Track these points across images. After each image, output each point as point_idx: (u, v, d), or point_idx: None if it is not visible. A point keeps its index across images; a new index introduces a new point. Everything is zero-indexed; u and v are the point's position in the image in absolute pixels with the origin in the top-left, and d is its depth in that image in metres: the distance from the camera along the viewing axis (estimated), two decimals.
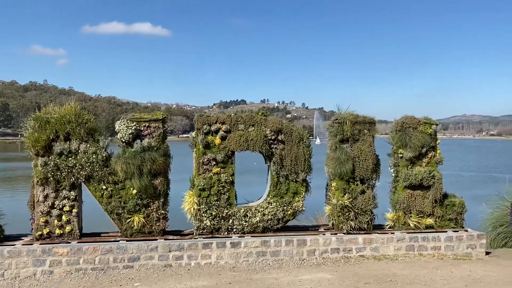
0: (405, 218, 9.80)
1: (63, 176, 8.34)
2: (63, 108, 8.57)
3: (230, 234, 9.07)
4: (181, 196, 9.15)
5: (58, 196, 8.40)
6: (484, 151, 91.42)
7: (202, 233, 9.01)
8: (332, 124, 9.76)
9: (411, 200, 9.77)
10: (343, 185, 9.44)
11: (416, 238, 9.52)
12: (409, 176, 9.68)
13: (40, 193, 8.35)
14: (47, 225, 8.40)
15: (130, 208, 8.62)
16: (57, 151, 8.34)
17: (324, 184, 10.01)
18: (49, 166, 8.27)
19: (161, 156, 8.76)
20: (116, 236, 8.82)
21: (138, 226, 8.67)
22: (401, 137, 9.80)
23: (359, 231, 9.46)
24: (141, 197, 8.67)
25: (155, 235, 8.79)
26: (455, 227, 9.97)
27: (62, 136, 8.38)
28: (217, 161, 9.06)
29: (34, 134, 8.28)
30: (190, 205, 8.97)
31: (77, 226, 8.53)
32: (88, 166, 8.41)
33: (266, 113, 9.70)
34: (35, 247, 8.08)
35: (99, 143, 8.58)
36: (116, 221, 8.68)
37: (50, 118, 8.38)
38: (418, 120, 9.97)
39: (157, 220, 8.79)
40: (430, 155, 9.93)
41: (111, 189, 8.59)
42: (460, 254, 9.54)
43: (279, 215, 9.23)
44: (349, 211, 9.38)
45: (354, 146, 9.59)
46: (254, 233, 9.14)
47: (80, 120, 8.48)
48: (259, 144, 9.08)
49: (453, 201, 10.02)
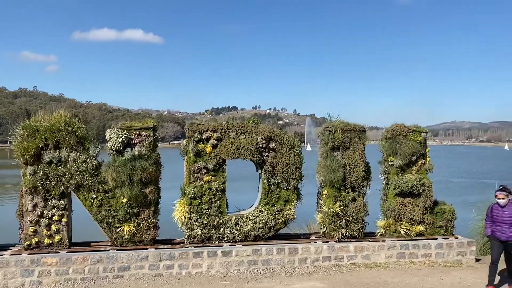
0: (396, 225, 9.84)
1: (52, 185, 8.26)
2: (52, 116, 8.50)
3: (221, 242, 9.03)
4: (172, 204, 9.11)
5: (47, 205, 8.31)
6: (473, 157, 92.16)
7: (193, 242, 8.95)
8: (323, 132, 9.80)
9: (402, 207, 9.82)
10: (334, 193, 9.46)
11: (407, 246, 9.55)
12: (400, 184, 9.72)
13: (29, 202, 8.26)
14: (36, 235, 8.29)
15: (120, 217, 8.55)
16: (47, 160, 8.26)
17: (315, 190, 10.02)
18: (38, 175, 8.18)
19: (152, 165, 8.71)
20: (106, 245, 8.74)
21: (128, 235, 8.60)
22: (391, 145, 9.86)
23: (350, 239, 9.47)
24: (132, 206, 8.61)
25: (145, 244, 8.72)
26: (445, 234, 10.02)
27: (52, 145, 8.30)
28: (208, 169, 9.04)
29: (23, 142, 8.19)
30: (181, 214, 8.92)
31: (67, 236, 8.44)
32: (78, 175, 8.34)
33: (257, 121, 9.71)
34: (23, 257, 7.98)
35: (89, 151, 8.52)
36: (106, 230, 8.60)
37: (40, 126, 8.30)
38: (408, 128, 10.04)
39: (148, 229, 8.73)
40: (420, 163, 9.99)
41: (101, 198, 8.52)
42: (450, 261, 9.58)
43: (271, 223, 9.21)
44: (340, 219, 9.39)
45: (345, 154, 9.63)
46: (245, 241, 9.11)
47: (70, 128, 8.42)
48: (250, 152, 9.07)
49: (443, 209, 10.08)
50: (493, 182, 25.97)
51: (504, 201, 7.67)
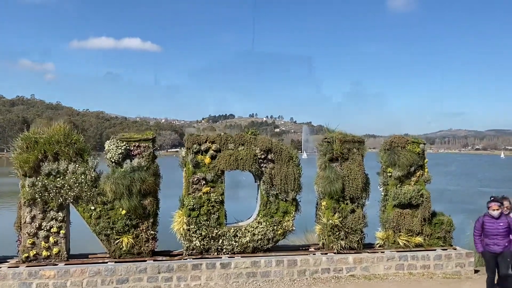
0: (395, 236, 9.83)
1: (51, 197, 8.23)
2: (51, 128, 8.49)
3: (220, 254, 9.00)
4: (170, 214, 9.06)
5: (45, 217, 8.28)
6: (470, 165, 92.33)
7: (192, 254, 8.92)
8: (322, 143, 9.82)
9: (401, 218, 9.82)
10: (333, 204, 9.46)
11: (405, 257, 9.54)
12: (398, 195, 9.74)
13: (27, 214, 8.22)
14: (34, 247, 8.25)
15: (119, 228, 8.52)
16: (45, 172, 8.24)
17: (309, 199, 9.98)
18: (37, 186, 8.16)
19: (151, 176, 8.70)
20: (104, 257, 8.70)
21: (127, 247, 8.56)
22: (389, 156, 9.88)
23: (349, 250, 9.45)
24: (130, 218, 8.58)
25: (144, 256, 8.68)
26: (443, 245, 10.02)
27: (51, 156, 8.29)
28: (207, 181, 9.03)
29: (22, 154, 8.18)
30: (180, 225, 8.90)
31: (65, 248, 8.40)
32: (77, 187, 8.32)
33: (256, 132, 9.72)
34: (21, 269, 7.93)
35: (88, 163, 8.50)
36: (104, 242, 8.56)
37: (39, 138, 8.29)
38: (406, 139, 10.08)
39: (146, 240, 8.70)
40: (418, 174, 10.02)
41: (99, 209, 8.49)
42: (449, 273, 9.57)
43: (269, 235, 9.19)
44: (339, 230, 9.39)
45: (343, 165, 9.64)
46: (244, 253, 9.08)
47: (69, 140, 8.41)
48: (249, 163, 9.08)
49: (442, 219, 10.09)
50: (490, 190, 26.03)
51: (498, 212, 7.69)
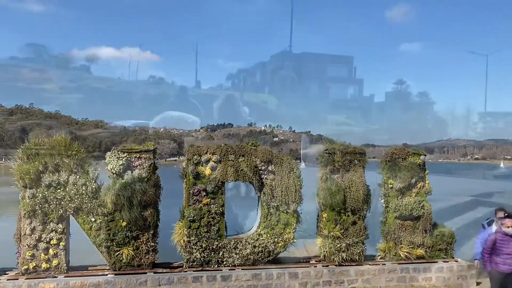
0: (396, 248, 9.79)
1: (51, 209, 8.19)
2: (52, 139, 8.48)
3: (221, 266, 8.93)
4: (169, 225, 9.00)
5: (45, 229, 8.23)
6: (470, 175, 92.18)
7: (192, 266, 8.86)
8: (323, 155, 9.80)
9: (402, 230, 9.79)
10: (335, 216, 9.42)
11: (407, 269, 9.49)
12: (399, 207, 9.71)
13: (27, 226, 8.18)
14: (34, 259, 8.19)
15: (119, 240, 8.46)
16: (46, 183, 8.21)
17: (309, 208, 9.93)
18: (37, 198, 8.12)
19: (152, 187, 8.67)
20: (104, 269, 8.64)
21: (127, 259, 8.50)
22: (390, 168, 9.88)
23: (350, 262, 9.40)
24: (131, 229, 8.53)
25: (144, 268, 8.62)
26: (445, 257, 9.97)
27: (52, 168, 8.27)
28: (207, 192, 8.99)
29: (23, 165, 8.16)
30: (180, 237, 8.85)
31: (64, 260, 8.34)
32: (77, 198, 8.28)
33: (256, 143, 9.70)
34: (20, 282, 7.87)
35: (89, 174, 8.48)
36: (104, 254, 8.50)
37: (40, 149, 8.28)
38: (407, 151, 10.08)
39: (147, 252, 8.64)
40: (419, 186, 10.00)
41: (100, 221, 8.45)
42: (451, 285, 9.52)
43: (270, 247, 9.14)
44: (341, 242, 9.34)
45: (345, 176, 9.62)
46: (244, 265, 9.02)
47: (69, 151, 8.39)
48: (249, 174, 9.06)
49: (443, 231, 10.06)
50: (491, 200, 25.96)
51: None
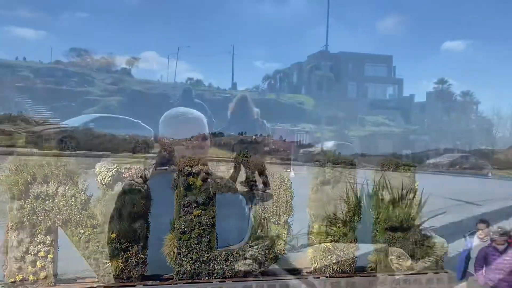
0: (387, 260, 9.81)
1: (39, 220, 8.07)
2: (41, 149, 8.42)
3: (211, 279, 8.86)
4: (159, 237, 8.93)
5: (33, 241, 8.11)
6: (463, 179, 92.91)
7: (182, 278, 8.76)
8: (313, 165, 9.84)
9: (392, 242, 9.82)
10: (325, 227, 9.44)
11: (397, 281, 9.49)
12: (390, 218, 9.76)
13: (15, 238, 8.04)
14: (21, 272, 8.06)
15: (108, 252, 8.38)
16: (34, 194, 8.12)
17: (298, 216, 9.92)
18: (25, 210, 8.01)
19: (142, 199, 8.61)
20: (92, 282, 8.50)
21: (116, 272, 8.40)
22: (380, 179, 9.94)
23: (341, 274, 9.39)
24: (120, 241, 8.43)
25: (133, 281, 8.50)
26: (435, 268, 10.01)
27: (40, 179, 8.19)
28: (198, 203, 8.94)
29: (10, 176, 8.07)
30: (170, 249, 8.78)
31: (52, 272, 8.22)
32: (66, 210, 8.19)
33: (248, 154, 9.71)
34: None
35: (78, 185, 8.40)
36: (93, 266, 8.40)
37: (28, 160, 8.20)
38: (397, 162, 10.15)
39: (136, 265, 8.54)
40: (409, 197, 10.06)
41: (89, 233, 8.35)
42: None
43: (261, 259, 9.11)
44: (331, 254, 9.35)
45: (335, 187, 9.66)
46: (235, 277, 8.95)
47: (59, 162, 8.32)
48: (241, 186, 9.04)
49: (434, 242, 10.10)
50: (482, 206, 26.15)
51: (504, 246, 7.16)
